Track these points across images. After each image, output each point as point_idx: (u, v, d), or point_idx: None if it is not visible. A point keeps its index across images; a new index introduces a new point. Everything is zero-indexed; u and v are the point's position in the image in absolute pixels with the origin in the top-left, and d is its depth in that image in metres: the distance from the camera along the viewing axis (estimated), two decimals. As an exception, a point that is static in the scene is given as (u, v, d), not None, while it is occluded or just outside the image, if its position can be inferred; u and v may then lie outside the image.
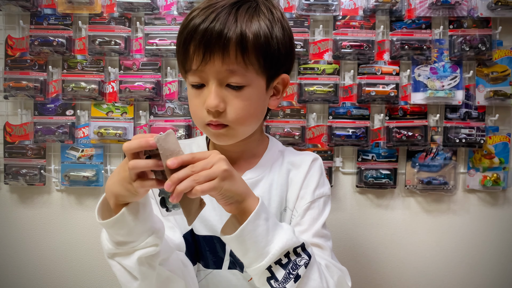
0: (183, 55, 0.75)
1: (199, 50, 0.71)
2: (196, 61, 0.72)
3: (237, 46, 0.71)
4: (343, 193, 1.41)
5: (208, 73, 0.73)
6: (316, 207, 0.83)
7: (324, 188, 0.86)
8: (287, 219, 0.85)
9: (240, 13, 0.72)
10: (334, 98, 1.35)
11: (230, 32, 0.70)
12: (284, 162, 0.88)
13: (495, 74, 1.36)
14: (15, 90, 1.33)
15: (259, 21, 0.73)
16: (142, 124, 1.38)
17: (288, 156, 0.90)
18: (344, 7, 1.36)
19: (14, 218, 1.41)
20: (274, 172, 0.87)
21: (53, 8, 1.35)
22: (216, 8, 0.72)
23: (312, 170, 0.87)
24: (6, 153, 1.37)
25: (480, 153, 1.38)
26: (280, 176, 0.86)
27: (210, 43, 0.70)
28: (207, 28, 0.70)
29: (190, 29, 0.72)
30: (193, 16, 0.73)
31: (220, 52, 0.70)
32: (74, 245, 1.41)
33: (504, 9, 1.31)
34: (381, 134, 1.38)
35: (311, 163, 0.88)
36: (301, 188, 0.85)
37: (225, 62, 0.71)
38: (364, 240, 1.42)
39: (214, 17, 0.70)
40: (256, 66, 0.74)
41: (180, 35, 0.75)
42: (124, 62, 1.36)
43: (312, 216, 0.82)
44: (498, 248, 1.42)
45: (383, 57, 1.37)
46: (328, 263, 0.75)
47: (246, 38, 0.71)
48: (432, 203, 1.42)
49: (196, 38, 0.71)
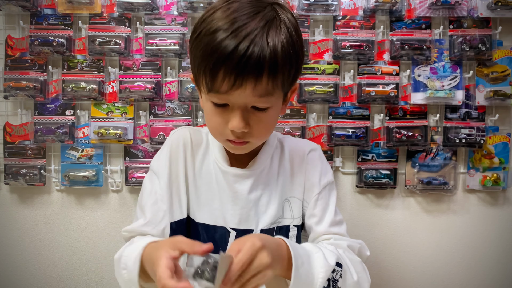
0: (209, 76, 0.69)
1: (230, 75, 0.66)
2: (225, 86, 0.68)
3: (270, 72, 0.68)
4: (343, 193, 1.41)
5: (236, 98, 0.70)
6: (324, 196, 0.88)
7: (327, 176, 0.90)
8: (295, 208, 0.87)
9: (270, 32, 0.68)
10: (334, 98, 1.35)
11: (266, 58, 0.66)
12: (285, 151, 0.90)
13: (495, 74, 1.36)
14: (15, 90, 1.33)
15: (284, 38, 0.69)
16: (142, 124, 1.38)
17: (288, 145, 0.92)
18: (344, 7, 1.36)
19: (14, 218, 1.41)
20: (275, 161, 0.88)
21: (53, 8, 1.35)
22: (244, 26, 0.66)
23: (313, 160, 0.89)
24: (6, 153, 1.37)
25: (480, 153, 1.38)
26: (282, 165, 0.89)
27: (245, 70, 0.66)
28: (243, 55, 0.64)
29: (222, 52, 0.65)
30: (222, 38, 0.66)
31: (253, 79, 0.67)
32: (74, 245, 1.41)
33: (504, 9, 1.31)
34: (381, 134, 1.38)
35: (310, 153, 0.90)
36: (305, 179, 0.87)
37: (256, 89, 0.68)
38: (364, 240, 1.39)
39: (249, 41, 0.65)
40: (281, 86, 0.72)
41: (207, 56, 0.67)
42: (124, 62, 1.36)
43: (323, 206, 0.87)
44: (498, 248, 1.42)
45: (383, 57, 1.37)
46: (349, 242, 0.84)
47: (278, 62, 0.68)
48: (432, 203, 1.42)
49: (229, 64, 0.65)
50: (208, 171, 0.86)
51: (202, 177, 0.86)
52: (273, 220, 0.84)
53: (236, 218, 0.82)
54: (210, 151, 0.88)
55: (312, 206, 0.87)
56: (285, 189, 0.87)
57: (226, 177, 0.84)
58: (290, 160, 0.89)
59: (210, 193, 0.85)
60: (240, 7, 0.69)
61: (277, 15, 0.71)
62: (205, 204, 0.84)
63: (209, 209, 0.84)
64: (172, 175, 0.84)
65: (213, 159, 0.86)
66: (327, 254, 0.73)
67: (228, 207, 0.83)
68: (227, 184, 0.84)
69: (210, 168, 0.86)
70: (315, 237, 0.86)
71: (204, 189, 0.85)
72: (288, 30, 0.71)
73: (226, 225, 0.83)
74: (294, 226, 0.86)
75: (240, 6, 0.69)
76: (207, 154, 0.87)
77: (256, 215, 0.83)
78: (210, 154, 0.87)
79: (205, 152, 0.87)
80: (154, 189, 0.83)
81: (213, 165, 0.86)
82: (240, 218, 0.83)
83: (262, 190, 0.85)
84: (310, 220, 0.87)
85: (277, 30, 0.69)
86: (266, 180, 0.86)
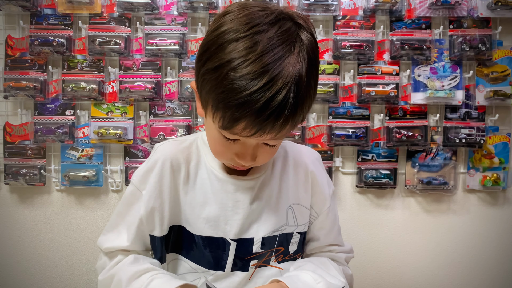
0: (227, 120, 0.62)
1: (253, 127, 0.61)
2: (244, 133, 0.62)
3: (293, 121, 0.63)
4: (343, 193, 1.41)
5: (252, 141, 0.66)
6: (333, 208, 0.88)
7: (331, 185, 0.89)
8: (299, 215, 0.84)
9: (299, 80, 0.60)
10: (334, 98, 1.35)
11: (296, 112, 0.61)
12: (288, 157, 0.87)
13: (495, 74, 1.36)
14: (15, 90, 1.33)
15: (313, 84, 0.64)
16: (142, 124, 1.38)
17: (291, 151, 0.88)
18: (344, 7, 1.36)
19: (14, 218, 1.41)
20: (277, 167, 0.85)
21: (53, 8, 1.35)
22: (277, 76, 0.59)
23: (319, 170, 0.87)
24: (6, 153, 1.37)
25: (480, 153, 1.38)
26: (285, 172, 0.86)
27: (271, 124, 0.60)
28: (273, 111, 0.59)
29: (250, 105, 0.58)
30: (253, 90, 0.57)
31: (278, 129, 0.62)
32: (74, 245, 1.41)
33: (504, 9, 1.31)
34: (381, 134, 1.38)
35: (314, 162, 0.88)
36: (314, 191, 0.85)
37: (276, 136, 0.64)
38: (364, 240, 1.42)
39: (282, 95, 0.58)
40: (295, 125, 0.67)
41: (229, 99, 0.59)
42: (124, 62, 1.36)
43: (332, 218, 0.87)
44: (498, 248, 1.42)
45: (383, 57, 1.37)
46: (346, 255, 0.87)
47: (304, 110, 0.63)
48: (432, 203, 1.42)
49: (255, 118, 0.59)
50: (203, 183, 0.81)
51: (196, 189, 0.81)
52: (275, 227, 0.81)
53: (237, 229, 0.79)
54: (202, 161, 0.82)
55: (323, 218, 0.86)
56: (289, 196, 0.83)
57: (224, 186, 0.79)
58: (294, 167, 0.85)
59: (206, 204, 0.80)
60: (269, 44, 0.60)
61: (302, 47, 0.63)
62: (202, 216, 0.79)
63: (206, 221, 0.79)
64: (154, 193, 0.78)
65: (207, 169, 0.81)
66: (330, 279, 0.74)
67: (228, 217, 0.79)
68: (226, 194, 0.79)
69: (204, 178, 0.81)
70: (321, 247, 0.86)
71: (200, 201, 0.80)
72: (315, 70, 0.65)
73: (225, 236, 0.79)
74: (297, 233, 0.85)
75: (269, 42, 0.60)
76: (199, 165, 0.82)
77: (257, 223, 0.80)
78: (202, 164, 0.82)
79: (196, 165, 0.82)
80: (135, 206, 0.79)
81: (208, 175, 0.81)
82: (242, 228, 0.79)
83: (264, 197, 0.81)
84: (320, 232, 0.86)
85: (307, 75, 0.62)
86: (268, 186, 0.82)
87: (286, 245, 0.82)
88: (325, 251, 0.86)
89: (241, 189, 0.80)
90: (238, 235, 0.79)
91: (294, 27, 0.64)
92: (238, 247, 0.78)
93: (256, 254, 0.79)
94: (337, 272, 0.78)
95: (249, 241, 0.80)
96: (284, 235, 0.82)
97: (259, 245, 0.79)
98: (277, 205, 0.82)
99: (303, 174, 0.85)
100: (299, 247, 0.85)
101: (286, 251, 0.82)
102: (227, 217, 0.80)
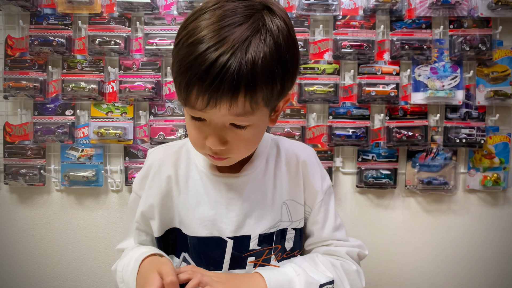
0: (184, 92, 0.63)
1: (204, 95, 0.60)
2: (199, 104, 0.62)
3: (247, 91, 0.60)
4: (343, 193, 1.41)
5: (212, 116, 0.64)
6: (326, 202, 0.86)
7: (327, 180, 0.88)
8: (293, 211, 0.84)
9: (251, 46, 0.60)
10: (334, 98, 1.35)
11: (242, 76, 0.58)
12: (281, 153, 0.86)
13: (495, 74, 1.36)
14: (15, 90, 1.33)
15: (268, 51, 0.61)
16: (142, 124, 1.38)
17: (283, 147, 0.88)
18: (344, 7, 1.36)
19: (14, 218, 1.41)
20: (270, 163, 0.85)
21: (53, 8, 1.35)
22: (228, 38, 0.59)
23: (312, 164, 0.87)
24: (6, 153, 1.37)
25: (481, 153, 1.38)
26: (278, 167, 0.85)
27: (219, 90, 0.59)
28: (218, 72, 0.58)
29: (197, 69, 0.59)
30: (201, 51, 0.59)
31: (228, 99, 0.60)
32: (74, 245, 1.41)
33: (504, 9, 1.31)
34: (381, 134, 1.38)
35: (308, 157, 0.87)
36: (306, 184, 0.85)
37: (232, 109, 0.61)
38: (364, 240, 1.40)
39: (229, 54, 0.58)
40: (263, 103, 0.64)
41: (183, 71, 0.61)
42: (124, 62, 1.36)
43: (324, 213, 0.85)
44: (498, 248, 1.42)
45: (383, 57, 1.37)
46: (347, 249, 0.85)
47: (256, 80, 0.60)
48: (432, 203, 1.42)
49: (203, 83, 0.59)
50: (195, 184, 0.82)
51: (189, 191, 0.82)
52: (271, 224, 0.81)
53: (232, 226, 0.79)
54: (192, 163, 0.83)
55: (315, 212, 0.86)
56: (283, 192, 0.84)
57: (217, 185, 0.80)
58: (287, 163, 0.85)
59: (200, 204, 0.80)
60: (227, 14, 0.61)
61: (264, 23, 0.62)
62: (197, 216, 0.80)
63: (201, 221, 0.80)
64: (149, 198, 0.83)
65: (199, 170, 0.82)
66: (312, 274, 0.74)
67: (222, 216, 0.79)
68: (219, 192, 0.80)
69: (196, 180, 0.82)
70: (317, 243, 0.86)
71: (193, 202, 0.80)
72: (275, 41, 0.62)
73: (221, 235, 0.79)
74: (292, 229, 0.85)
75: (227, 13, 0.61)
76: (189, 167, 0.83)
77: (253, 220, 0.80)
78: (193, 166, 0.83)
79: (187, 167, 0.83)
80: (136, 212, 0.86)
81: (199, 176, 0.81)
82: (237, 226, 0.79)
83: (258, 194, 0.81)
84: (313, 227, 0.86)
85: (260, 42, 0.60)
86: (262, 183, 0.82)
87: (282, 242, 0.83)
88: (322, 245, 0.85)
89: (234, 187, 0.80)
90: (234, 232, 0.79)
91: (261, 6, 0.65)
92: (235, 244, 0.79)
93: (253, 251, 0.79)
94: (325, 268, 0.77)
95: (246, 238, 0.80)
96: (280, 231, 0.83)
97: (256, 242, 0.79)
98: (272, 202, 0.83)
99: (295, 168, 0.86)
100: (295, 243, 0.85)
101: (283, 248, 0.83)
102: (221, 216, 0.80)
